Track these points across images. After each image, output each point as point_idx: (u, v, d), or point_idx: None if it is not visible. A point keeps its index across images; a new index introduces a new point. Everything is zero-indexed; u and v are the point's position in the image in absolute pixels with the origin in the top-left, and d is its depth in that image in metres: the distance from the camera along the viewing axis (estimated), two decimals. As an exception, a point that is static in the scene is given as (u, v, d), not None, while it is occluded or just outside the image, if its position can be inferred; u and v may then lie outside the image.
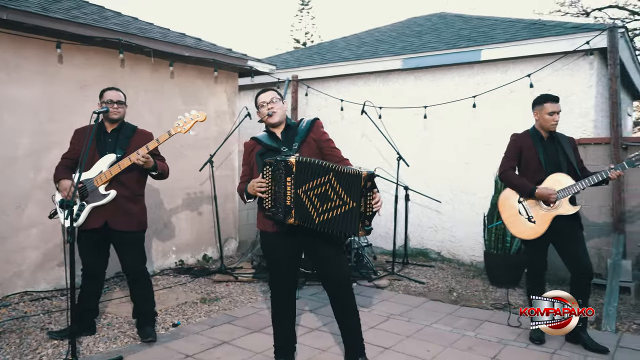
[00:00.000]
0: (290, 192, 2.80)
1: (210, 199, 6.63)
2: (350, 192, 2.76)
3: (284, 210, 2.82)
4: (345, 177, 2.77)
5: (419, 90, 6.85)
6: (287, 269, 3.14)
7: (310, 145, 3.06)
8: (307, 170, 2.80)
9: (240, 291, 5.20)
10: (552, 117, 3.82)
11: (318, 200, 2.78)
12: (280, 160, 2.81)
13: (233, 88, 7.01)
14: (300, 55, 8.85)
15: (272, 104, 3.10)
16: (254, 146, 3.17)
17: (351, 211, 2.76)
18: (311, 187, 2.79)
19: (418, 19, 9.54)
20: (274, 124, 3.13)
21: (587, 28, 5.81)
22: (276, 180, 2.83)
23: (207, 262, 6.55)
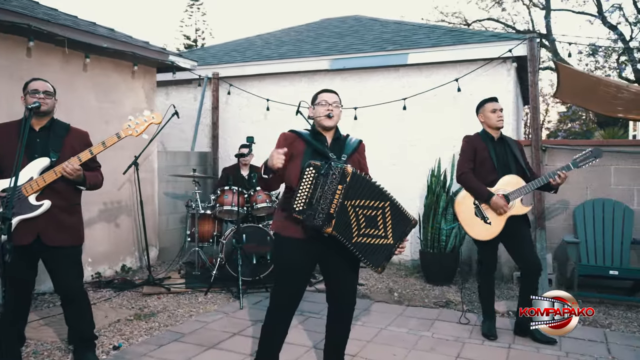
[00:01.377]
0: (337, 202, 2.60)
1: (128, 205, 6.10)
2: (396, 229, 2.73)
3: (325, 217, 2.59)
4: (400, 214, 2.74)
5: (346, 92, 6.82)
6: (302, 281, 2.90)
7: (354, 163, 2.88)
8: (359, 186, 2.65)
9: (177, 304, 4.81)
10: (495, 114, 3.99)
11: (365, 221, 2.66)
12: (336, 165, 2.62)
13: (151, 84, 6.50)
14: (217, 51, 8.47)
15: (333, 107, 2.88)
16: (294, 138, 2.89)
17: (387, 247, 2.73)
18: (361, 205, 2.65)
19: (332, 20, 9.59)
20: (328, 127, 2.90)
21: (506, 37, 6.20)
22: (321, 185, 2.61)
23: (127, 273, 6.01)
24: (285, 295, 2.87)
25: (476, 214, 3.90)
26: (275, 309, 2.89)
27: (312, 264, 2.91)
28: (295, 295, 2.88)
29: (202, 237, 5.82)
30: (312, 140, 2.86)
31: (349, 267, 2.89)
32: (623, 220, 5.15)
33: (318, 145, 2.84)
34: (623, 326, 4.29)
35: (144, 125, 3.32)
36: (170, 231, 6.87)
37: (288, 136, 2.93)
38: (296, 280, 2.85)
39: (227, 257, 5.32)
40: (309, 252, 2.81)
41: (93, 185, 3.34)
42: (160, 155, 6.70)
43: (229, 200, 5.56)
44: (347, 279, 2.92)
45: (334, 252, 2.79)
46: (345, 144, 2.93)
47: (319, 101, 2.93)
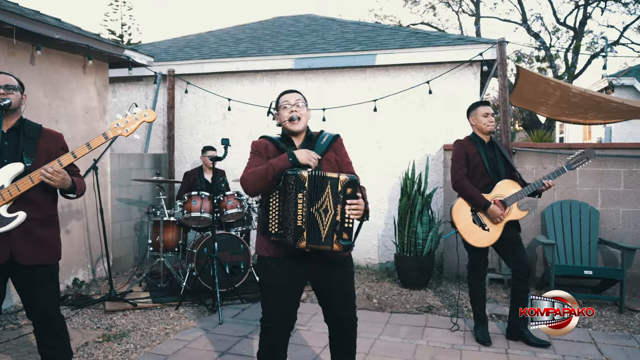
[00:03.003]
0: (302, 211, 2.38)
1: (79, 211, 5.57)
2: (333, 198, 2.40)
3: (294, 232, 2.39)
4: (333, 183, 2.40)
5: (311, 92, 6.62)
6: (290, 302, 2.62)
7: (330, 163, 2.65)
8: (319, 186, 2.40)
9: (147, 321, 4.41)
10: (487, 118, 3.95)
11: (324, 214, 2.40)
12: (291, 174, 2.39)
13: (103, 81, 5.98)
14: (168, 47, 7.97)
15: (296, 108, 2.64)
16: (267, 143, 2.67)
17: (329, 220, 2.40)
18: (320, 203, 2.41)
19: (286, 18, 9.35)
20: (295, 132, 2.66)
21: (473, 40, 6.27)
22: (285, 198, 2.41)
23: (80, 287, 5.47)
24: (274, 316, 2.59)
25: (474, 221, 3.85)
26: (266, 333, 2.62)
27: (299, 282, 2.63)
28: (285, 315, 2.60)
29: (166, 246, 5.40)
30: (281, 145, 2.64)
31: (340, 277, 2.66)
32: (589, 221, 5.33)
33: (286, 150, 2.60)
34: (602, 325, 4.40)
35: (135, 123, 2.96)
36: (124, 240, 6.36)
37: (260, 143, 2.70)
38: (283, 299, 2.58)
39: (199, 267, 4.96)
40: (294, 269, 2.57)
41: (82, 192, 2.95)
42: (113, 158, 6.18)
43: (197, 207, 5.21)
44: (341, 291, 2.67)
45: (320, 265, 2.57)
46: (315, 145, 2.65)
47: (280, 104, 2.69)
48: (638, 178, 5.44)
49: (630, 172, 5.46)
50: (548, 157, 5.65)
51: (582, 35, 21.66)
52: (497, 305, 4.87)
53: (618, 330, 4.28)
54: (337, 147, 2.73)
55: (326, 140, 2.68)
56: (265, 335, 2.63)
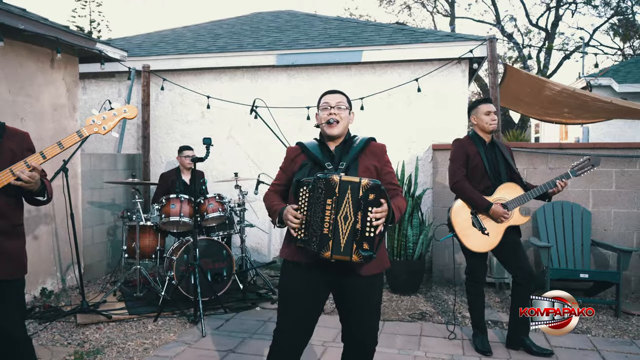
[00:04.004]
0: (330, 219, 2.18)
1: (48, 216, 5.19)
2: (354, 204, 2.19)
3: (319, 240, 2.19)
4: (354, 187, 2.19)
5: (294, 90, 6.40)
6: (307, 313, 2.40)
7: (365, 169, 2.41)
8: (346, 190, 2.20)
9: (123, 335, 4.08)
10: (489, 116, 3.77)
11: (344, 222, 2.19)
12: (321, 177, 2.21)
13: (73, 76, 5.59)
14: (142, 42, 7.59)
15: (336, 111, 2.45)
16: (297, 152, 2.51)
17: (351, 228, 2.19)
18: (342, 210, 2.19)
19: (265, 14, 9.05)
20: (331, 136, 2.47)
21: (462, 37, 6.10)
22: (313, 203, 2.23)
23: (49, 297, 5.09)
24: (289, 319, 2.39)
25: (473, 224, 3.65)
26: (276, 344, 2.41)
27: (321, 291, 2.42)
28: (301, 321, 2.39)
29: (142, 253, 5.06)
30: (314, 150, 2.46)
31: (367, 295, 2.42)
32: (582, 222, 5.22)
33: (317, 156, 2.43)
34: (601, 330, 4.27)
35: (114, 120, 2.67)
36: (95, 246, 5.98)
37: (291, 150, 2.58)
38: (299, 308, 2.37)
39: (179, 275, 4.65)
40: (317, 277, 2.36)
41: (51, 196, 2.64)
42: (84, 159, 5.80)
43: (176, 210, 4.89)
44: (366, 310, 2.44)
45: (347, 277, 2.35)
46: (350, 148, 2.47)
47: (320, 105, 2.53)
48: (630, 178, 5.36)
49: (622, 173, 5.37)
50: (539, 157, 5.52)
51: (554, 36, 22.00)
52: (491, 311, 4.69)
53: (618, 336, 4.15)
54: (378, 154, 2.51)
55: (359, 143, 2.48)
56: (275, 346, 2.41)
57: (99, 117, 2.64)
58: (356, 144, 2.47)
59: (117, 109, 2.69)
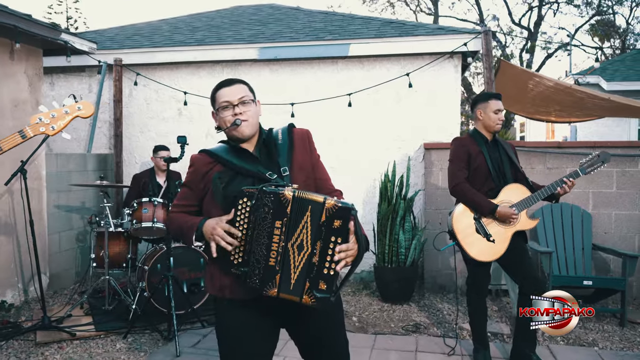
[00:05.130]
0: (278, 246, 1.72)
1: (8, 223, 4.76)
2: (313, 231, 1.72)
3: (263, 272, 1.73)
4: (314, 210, 1.72)
5: (278, 85, 6.02)
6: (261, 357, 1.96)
7: (304, 170, 1.98)
8: (304, 212, 1.73)
9: (88, 356, 3.67)
10: (497, 115, 3.44)
11: (298, 252, 1.73)
12: (269, 192, 1.72)
13: (36, 69, 5.15)
14: (115, 35, 7.13)
15: (242, 108, 1.96)
16: (210, 165, 1.97)
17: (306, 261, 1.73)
18: (296, 236, 1.73)
19: (246, 7, 8.66)
20: (243, 139, 1.98)
21: (454, 30, 5.80)
22: (257, 224, 1.74)
23: (8, 311, 4.64)
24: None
25: (477, 230, 3.32)
26: None
27: (270, 330, 1.97)
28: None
29: (112, 262, 4.64)
30: (232, 158, 1.96)
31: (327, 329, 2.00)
32: (582, 225, 4.94)
33: (239, 163, 1.93)
34: (608, 342, 3.98)
35: (65, 119, 2.30)
36: (63, 253, 5.53)
37: (198, 160, 2.01)
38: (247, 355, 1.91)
39: (151, 287, 4.24)
40: (263, 317, 1.90)
41: None
42: (49, 159, 5.35)
43: (149, 215, 4.48)
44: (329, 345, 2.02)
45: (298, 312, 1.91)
46: (276, 147, 2.00)
47: (219, 104, 1.99)
48: (631, 179, 5.09)
49: (623, 173, 5.11)
50: (537, 157, 5.23)
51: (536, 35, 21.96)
52: (490, 322, 4.37)
53: (627, 349, 3.87)
54: (306, 144, 2.04)
55: (283, 138, 2.00)
56: None
57: (47, 114, 2.26)
58: (280, 140, 2.00)
59: (69, 106, 2.30)
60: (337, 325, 2.05)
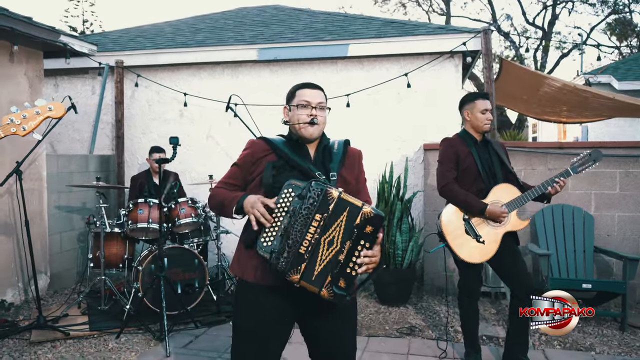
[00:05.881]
0: (312, 237, 1.82)
1: (8, 223, 4.81)
2: (346, 231, 1.84)
3: (291, 257, 1.81)
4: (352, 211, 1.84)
5: (277, 86, 6.00)
6: (273, 346, 2.03)
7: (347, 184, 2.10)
8: (341, 212, 1.85)
9: (80, 355, 3.69)
10: (485, 115, 3.38)
11: (327, 247, 1.84)
12: (318, 186, 1.84)
13: (36, 71, 5.20)
14: (119, 37, 7.20)
15: (319, 112, 2.10)
16: (266, 152, 2.10)
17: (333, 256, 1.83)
18: (330, 232, 1.84)
19: (250, 9, 8.68)
20: (309, 139, 2.10)
21: (454, 30, 5.74)
22: (295, 212, 1.84)
23: (8, 310, 4.70)
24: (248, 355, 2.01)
25: (467, 231, 3.27)
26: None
27: (289, 320, 2.06)
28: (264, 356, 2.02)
29: (108, 262, 4.67)
30: (289, 151, 2.07)
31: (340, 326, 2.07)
32: (584, 227, 4.85)
33: (295, 157, 2.05)
34: (606, 347, 3.89)
35: (36, 119, 2.32)
36: (64, 253, 5.58)
37: (257, 145, 2.14)
38: (261, 343, 1.99)
39: (145, 287, 4.26)
40: (284, 307, 1.98)
41: None
42: (50, 160, 5.40)
43: (144, 216, 4.51)
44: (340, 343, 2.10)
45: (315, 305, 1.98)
46: (331, 155, 2.13)
47: (297, 101, 2.11)
48: (635, 180, 4.99)
49: (627, 174, 5.00)
50: (537, 157, 5.15)
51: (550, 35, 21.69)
52: (486, 325, 4.31)
53: (625, 354, 3.78)
54: (356, 162, 2.20)
55: (338, 150, 2.14)
56: None
57: (19, 115, 2.28)
58: (336, 150, 2.14)
59: (40, 107, 2.33)
60: (350, 328, 2.14)
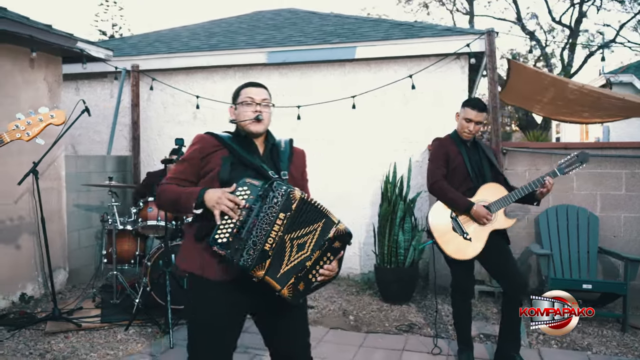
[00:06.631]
0: (276, 235, 1.93)
1: (29, 221, 5.05)
2: (318, 240, 1.98)
3: (257, 254, 1.90)
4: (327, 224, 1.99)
5: (287, 89, 6.15)
6: (229, 338, 2.13)
7: (294, 177, 2.21)
8: (304, 214, 1.97)
9: (89, 345, 3.89)
10: (467, 124, 3.42)
11: (297, 248, 1.97)
12: (280, 188, 1.95)
13: (56, 76, 5.46)
14: (137, 42, 7.46)
15: (263, 108, 2.19)
16: (216, 147, 2.15)
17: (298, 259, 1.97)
18: (298, 235, 1.97)
19: (266, 12, 8.86)
20: (256, 134, 2.20)
21: (460, 31, 5.79)
22: (255, 210, 1.93)
23: (27, 303, 4.95)
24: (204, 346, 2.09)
25: (454, 228, 3.34)
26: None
27: (242, 315, 2.16)
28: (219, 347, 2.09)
29: (121, 258, 4.88)
30: (239, 148, 2.14)
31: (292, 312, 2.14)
32: (588, 228, 4.84)
33: (245, 155, 2.13)
34: (604, 347, 3.90)
35: (39, 126, 2.48)
36: (82, 250, 5.84)
37: (206, 140, 2.18)
38: (216, 338, 2.07)
39: (153, 282, 4.45)
40: (238, 300, 2.06)
41: None
42: (69, 161, 5.66)
43: (154, 214, 4.69)
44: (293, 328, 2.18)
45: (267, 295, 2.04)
46: (279, 153, 2.23)
47: (242, 99, 2.22)
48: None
49: (633, 174, 4.97)
50: (542, 158, 5.16)
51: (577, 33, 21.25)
52: (486, 324, 4.36)
53: (622, 354, 3.79)
54: (300, 161, 2.32)
55: (285, 148, 2.25)
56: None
57: (24, 122, 2.46)
58: (283, 148, 2.24)
59: (43, 114, 2.50)
60: (302, 320, 2.24)
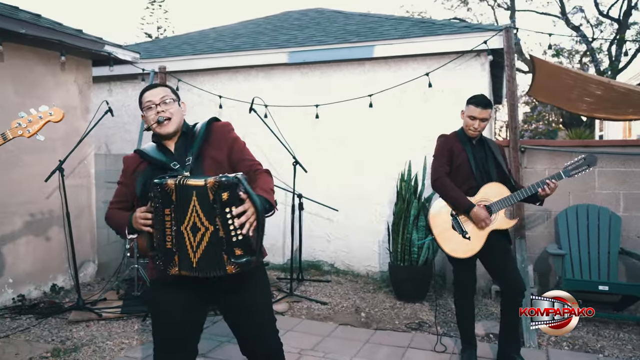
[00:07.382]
0: (171, 230, 1.93)
1: (60, 215, 5.33)
2: (206, 211, 1.90)
3: (165, 255, 1.96)
4: (200, 192, 1.89)
5: (308, 88, 6.24)
6: (188, 332, 2.21)
7: (217, 163, 2.17)
8: (189, 197, 1.92)
9: (107, 334, 4.10)
10: (472, 122, 3.41)
11: (192, 233, 1.93)
12: (156, 183, 1.94)
13: (86, 78, 5.74)
14: (167, 44, 7.73)
15: (164, 107, 2.18)
16: (137, 163, 2.22)
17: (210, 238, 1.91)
18: (188, 220, 1.93)
19: (293, 13, 8.97)
20: (166, 135, 2.21)
21: (479, 28, 5.71)
22: (155, 212, 1.97)
23: (58, 293, 5.24)
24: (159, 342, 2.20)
25: (453, 226, 3.34)
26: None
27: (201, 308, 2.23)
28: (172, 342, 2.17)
29: (143, 252, 5.10)
30: (153, 153, 2.19)
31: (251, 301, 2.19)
32: (609, 228, 4.70)
33: (157, 157, 2.17)
34: (617, 350, 3.80)
35: (39, 123, 2.65)
36: (111, 245, 6.11)
37: (128, 160, 2.26)
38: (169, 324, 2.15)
39: (170, 276, 4.63)
40: (186, 293, 2.12)
41: None
42: (99, 159, 5.94)
43: (173, 210, 4.87)
44: (254, 318, 2.21)
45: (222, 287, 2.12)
46: (193, 140, 2.20)
47: (144, 105, 2.22)
48: (667, 179, 4.77)
49: (658, 173, 4.80)
50: (561, 157, 5.03)
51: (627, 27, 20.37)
52: (495, 324, 4.29)
53: (635, 357, 3.68)
54: (225, 136, 2.22)
55: (200, 131, 2.21)
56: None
57: (25, 119, 2.64)
58: (197, 132, 2.20)
59: (42, 112, 2.67)
60: (261, 298, 2.24)
